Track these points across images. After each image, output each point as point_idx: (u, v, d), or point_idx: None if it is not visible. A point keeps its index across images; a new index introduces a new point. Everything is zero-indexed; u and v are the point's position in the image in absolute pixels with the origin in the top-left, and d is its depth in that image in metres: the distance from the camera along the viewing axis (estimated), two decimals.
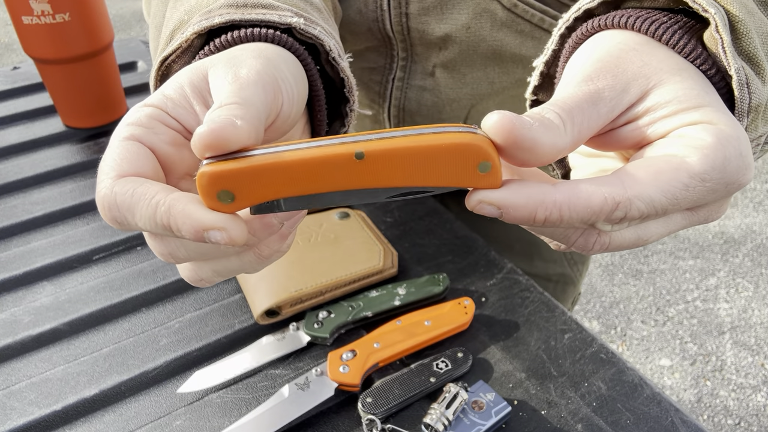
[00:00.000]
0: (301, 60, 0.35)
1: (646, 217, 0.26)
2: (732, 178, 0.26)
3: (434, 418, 0.42)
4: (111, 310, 0.54)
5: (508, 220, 0.26)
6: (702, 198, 0.26)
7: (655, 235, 0.29)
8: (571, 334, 0.51)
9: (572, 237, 0.29)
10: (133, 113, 0.30)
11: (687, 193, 0.26)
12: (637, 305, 1.91)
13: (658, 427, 0.44)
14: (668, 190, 0.26)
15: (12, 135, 0.79)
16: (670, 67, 0.29)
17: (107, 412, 0.46)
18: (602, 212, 0.25)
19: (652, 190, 0.25)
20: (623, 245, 0.29)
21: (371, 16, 0.57)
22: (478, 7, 0.54)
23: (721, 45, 0.29)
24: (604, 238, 0.28)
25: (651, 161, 0.26)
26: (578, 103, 0.27)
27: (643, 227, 0.28)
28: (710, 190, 0.26)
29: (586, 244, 0.29)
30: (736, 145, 0.26)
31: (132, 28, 3.69)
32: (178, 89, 0.31)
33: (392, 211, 0.65)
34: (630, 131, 0.29)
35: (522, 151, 0.25)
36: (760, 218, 2.22)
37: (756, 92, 0.29)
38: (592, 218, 0.26)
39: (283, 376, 0.48)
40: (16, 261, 0.59)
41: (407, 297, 0.52)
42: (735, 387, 1.66)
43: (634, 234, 0.28)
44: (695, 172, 0.26)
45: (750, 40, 0.30)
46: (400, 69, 0.61)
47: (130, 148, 0.28)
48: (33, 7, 0.68)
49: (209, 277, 0.30)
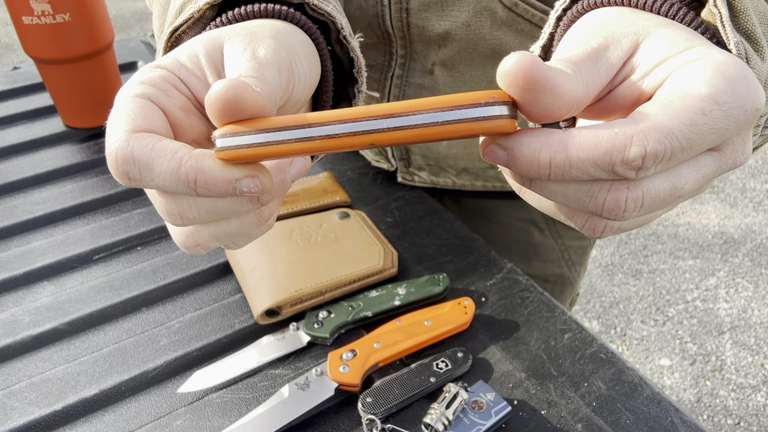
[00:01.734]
0: (314, 39, 0.35)
1: (672, 154, 0.24)
2: (745, 100, 0.25)
3: (434, 418, 0.42)
4: (111, 310, 0.54)
5: (516, 168, 0.24)
6: (724, 126, 0.24)
7: (689, 182, 0.26)
8: (571, 334, 0.51)
9: (599, 195, 0.25)
10: (145, 72, 0.29)
11: (705, 118, 0.24)
12: (637, 305, 1.91)
13: (658, 426, 0.44)
14: (685, 116, 0.24)
15: (12, 135, 0.79)
16: (655, 23, 0.28)
17: (107, 411, 0.46)
18: (615, 149, 0.23)
19: (666, 119, 0.23)
20: (658, 197, 0.25)
21: (371, 11, 0.57)
22: (479, 5, 0.54)
23: (720, 19, 0.28)
24: (635, 192, 0.25)
25: (657, 100, 0.25)
26: (581, 59, 0.26)
27: (674, 172, 0.25)
28: (728, 116, 0.24)
29: (617, 202, 0.25)
30: (736, 69, 0.25)
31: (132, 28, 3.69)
32: (193, 57, 0.30)
33: (392, 211, 0.65)
34: (627, 88, 0.27)
35: (545, 93, 0.23)
36: (759, 218, 2.22)
37: (755, 68, 0.29)
38: (605, 159, 0.23)
39: (283, 376, 0.48)
40: (16, 261, 0.59)
41: (407, 297, 0.53)
42: (735, 387, 1.66)
43: (667, 182, 0.25)
44: (705, 95, 0.24)
45: (748, 17, 0.29)
46: (398, 67, 0.61)
47: (143, 105, 0.27)
48: (33, 8, 0.68)
49: (206, 242, 0.30)
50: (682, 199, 0.27)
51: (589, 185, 0.25)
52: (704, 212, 2.26)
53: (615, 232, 0.28)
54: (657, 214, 0.29)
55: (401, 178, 0.68)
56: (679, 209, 2.28)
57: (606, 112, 0.29)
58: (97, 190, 0.69)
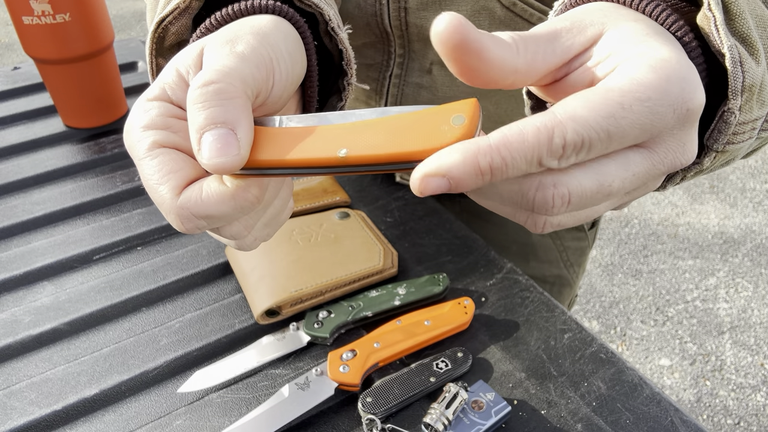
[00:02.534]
0: (301, 33, 0.35)
1: (590, 144, 0.25)
2: (675, 99, 0.25)
3: (434, 418, 0.42)
4: (111, 310, 0.54)
5: (458, 187, 0.25)
6: (648, 122, 0.25)
7: (617, 179, 0.27)
8: (570, 333, 0.51)
9: (529, 194, 0.26)
10: (142, 116, 0.30)
11: (625, 113, 0.25)
12: (637, 305, 1.91)
13: (658, 426, 0.44)
14: (602, 109, 0.24)
15: (12, 135, 0.79)
16: (628, 18, 0.29)
17: (107, 411, 0.46)
18: (539, 143, 0.24)
19: (584, 112, 0.24)
20: (585, 194, 0.26)
21: (370, 10, 0.57)
22: (477, 5, 0.54)
23: (714, 23, 0.28)
24: (561, 189, 0.26)
25: (583, 92, 0.26)
26: (534, 36, 0.27)
27: (598, 167, 0.26)
28: (653, 112, 0.25)
29: (545, 198, 0.26)
30: (676, 67, 0.25)
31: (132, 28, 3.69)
32: (173, 72, 0.31)
33: (392, 211, 0.65)
34: (581, 74, 0.28)
35: (470, 54, 0.24)
36: (759, 218, 2.22)
37: (750, 71, 0.29)
38: (533, 153, 0.24)
39: (283, 376, 0.48)
40: (16, 261, 0.59)
41: (407, 297, 0.53)
42: (734, 387, 1.66)
43: (592, 179, 0.26)
44: (626, 90, 0.25)
45: (743, 20, 0.29)
46: (397, 66, 0.61)
47: (164, 159, 0.29)
48: (33, 8, 0.68)
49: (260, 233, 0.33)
50: (616, 198, 0.28)
51: (519, 185, 0.26)
52: (704, 212, 2.26)
53: (557, 227, 0.29)
54: (597, 210, 0.29)
55: (399, 178, 0.68)
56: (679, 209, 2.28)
57: (564, 94, 0.28)
58: (97, 190, 0.69)
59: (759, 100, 0.30)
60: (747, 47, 0.30)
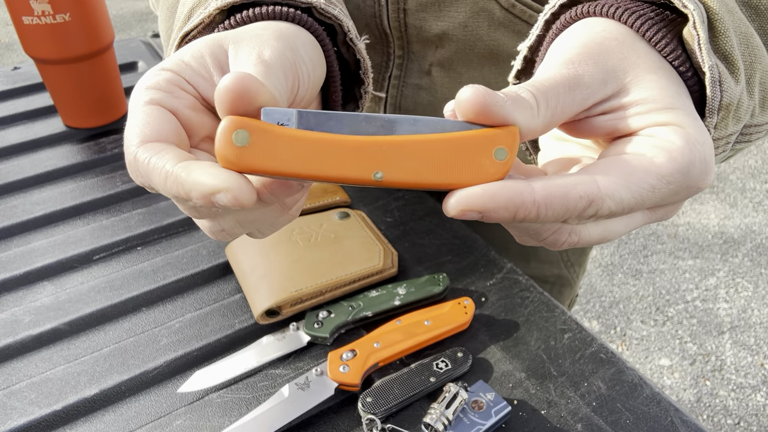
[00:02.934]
0: (320, 41, 0.36)
1: (613, 215, 0.27)
2: (694, 181, 0.28)
3: (434, 418, 0.42)
4: (111, 309, 0.54)
5: (487, 221, 0.26)
6: (664, 199, 0.28)
7: (617, 233, 0.30)
8: (570, 333, 0.51)
9: (544, 234, 0.29)
10: (151, 77, 0.30)
11: (653, 195, 0.27)
12: (637, 305, 1.91)
13: (658, 426, 0.44)
14: (637, 191, 0.26)
15: (12, 135, 0.79)
16: (647, 65, 0.29)
17: (108, 411, 0.46)
18: (576, 210, 0.26)
19: (623, 191, 0.26)
20: (590, 241, 0.30)
21: (369, 11, 0.57)
22: (476, 6, 0.54)
23: (697, 42, 0.29)
24: (573, 237, 0.29)
25: (622, 160, 0.27)
26: (555, 86, 0.27)
27: (608, 224, 0.29)
28: (673, 192, 0.27)
29: (557, 240, 0.29)
30: (701, 150, 0.27)
31: (132, 28, 3.69)
32: (199, 57, 0.31)
33: (392, 211, 0.65)
34: (603, 122, 0.29)
35: (493, 121, 0.26)
36: (759, 218, 2.22)
37: (728, 90, 0.30)
38: (566, 215, 0.26)
39: (283, 376, 0.48)
40: (16, 261, 0.59)
41: (407, 297, 0.53)
42: (734, 387, 1.66)
43: (600, 231, 0.30)
44: (662, 174, 0.27)
45: (727, 38, 0.30)
46: (396, 67, 0.61)
47: (151, 112, 0.29)
48: (33, 8, 0.68)
49: (231, 228, 0.31)
50: (610, 240, 0.32)
51: (540, 226, 0.29)
52: (704, 212, 2.26)
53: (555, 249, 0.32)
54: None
55: None
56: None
57: (578, 133, 0.31)
58: (97, 190, 0.69)
59: (735, 117, 0.31)
60: (728, 65, 0.30)
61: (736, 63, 0.30)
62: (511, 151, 0.26)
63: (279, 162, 0.25)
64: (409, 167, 0.26)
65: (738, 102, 0.31)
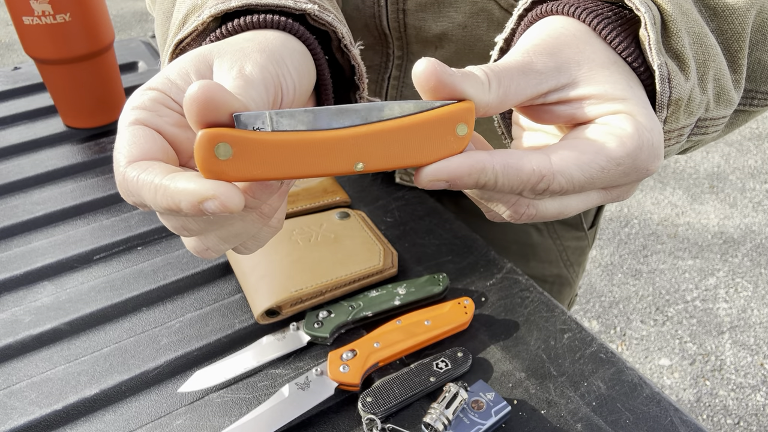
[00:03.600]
0: (311, 49, 0.36)
1: (565, 192, 0.30)
2: (642, 164, 0.31)
3: (434, 418, 0.42)
4: (111, 309, 0.54)
5: (455, 187, 0.29)
6: (615, 180, 0.31)
7: (574, 209, 0.33)
8: (570, 333, 0.51)
9: (504, 205, 0.32)
10: (136, 97, 0.30)
11: (602, 174, 0.30)
12: (637, 305, 1.91)
13: (658, 426, 0.44)
14: (587, 171, 0.30)
15: (13, 135, 0.79)
16: (601, 60, 0.32)
17: (108, 411, 0.46)
18: (529, 182, 0.29)
19: (573, 169, 0.29)
20: (547, 216, 0.33)
21: (368, 11, 0.57)
22: (475, 7, 0.54)
23: (648, 42, 0.32)
24: (531, 210, 0.32)
25: (576, 143, 0.30)
26: (508, 69, 0.30)
27: (564, 200, 0.32)
28: (623, 173, 0.30)
29: (516, 212, 0.32)
30: (649, 137, 0.30)
31: (132, 28, 3.69)
32: (184, 75, 0.31)
33: (392, 211, 0.65)
34: (562, 110, 0.32)
35: (445, 93, 0.28)
36: (759, 218, 2.22)
37: (677, 87, 0.32)
38: (520, 187, 0.29)
39: (284, 376, 0.48)
40: (17, 261, 0.59)
41: (407, 297, 0.53)
42: (734, 387, 1.66)
43: (556, 206, 0.32)
44: (612, 157, 0.30)
45: (679, 39, 0.33)
46: (395, 68, 0.62)
47: (136, 132, 0.29)
48: (34, 8, 0.68)
49: (215, 245, 0.31)
50: (567, 216, 0.34)
51: (501, 197, 0.32)
52: (704, 212, 2.26)
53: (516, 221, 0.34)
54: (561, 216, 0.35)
55: (399, 178, 0.68)
56: (678, 209, 2.28)
57: (542, 119, 0.34)
58: (98, 190, 0.69)
59: (687, 111, 0.34)
60: (679, 63, 0.33)
61: (686, 61, 0.33)
62: (470, 126, 0.29)
63: (264, 169, 0.26)
64: (386, 154, 0.28)
65: (689, 98, 0.33)
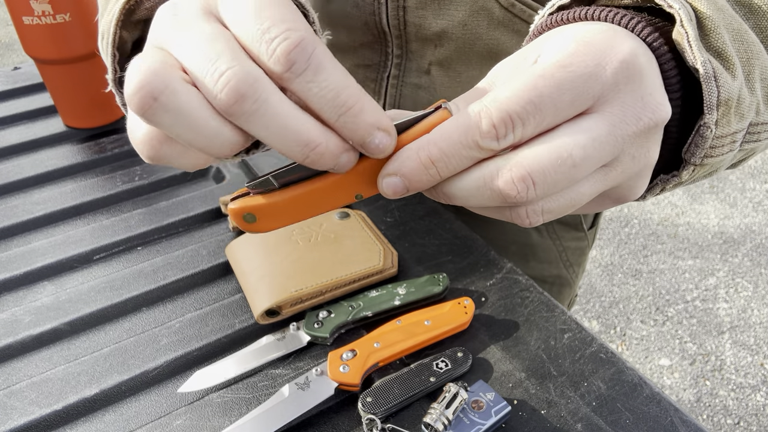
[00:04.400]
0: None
1: (521, 118, 0.25)
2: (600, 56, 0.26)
3: (434, 418, 0.42)
4: (111, 309, 0.54)
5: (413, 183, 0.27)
6: (578, 85, 0.26)
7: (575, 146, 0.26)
8: (570, 333, 0.51)
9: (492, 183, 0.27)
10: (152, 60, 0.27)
11: (546, 81, 0.25)
12: (637, 305, 1.91)
13: (658, 426, 0.44)
14: (522, 84, 0.26)
15: (13, 135, 0.79)
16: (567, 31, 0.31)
17: (108, 411, 0.46)
18: (469, 127, 0.26)
19: (505, 91, 0.26)
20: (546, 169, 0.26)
21: (368, 9, 0.57)
22: (476, 5, 0.54)
23: (687, 39, 0.29)
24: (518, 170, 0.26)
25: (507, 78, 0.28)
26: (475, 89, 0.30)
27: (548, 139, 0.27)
28: (578, 74, 0.26)
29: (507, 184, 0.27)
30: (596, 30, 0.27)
31: None
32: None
33: (392, 211, 0.65)
34: None
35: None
36: (759, 218, 2.22)
37: (725, 86, 0.29)
38: (466, 138, 0.26)
39: (283, 376, 0.48)
40: (16, 261, 0.59)
41: (407, 297, 0.53)
42: (734, 387, 1.67)
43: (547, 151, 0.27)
44: (546, 62, 0.26)
45: (718, 35, 0.30)
46: (395, 67, 0.61)
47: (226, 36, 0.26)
48: (33, 8, 0.68)
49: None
50: (588, 172, 0.27)
51: (481, 176, 0.27)
52: (704, 212, 2.26)
53: (544, 215, 0.29)
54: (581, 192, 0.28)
55: None
56: (678, 209, 2.28)
57: None
58: (98, 190, 0.69)
59: (737, 113, 0.30)
60: (723, 62, 0.30)
61: (730, 59, 0.30)
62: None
63: (283, 220, 0.31)
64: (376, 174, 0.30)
65: (738, 98, 0.30)
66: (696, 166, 0.31)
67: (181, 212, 0.65)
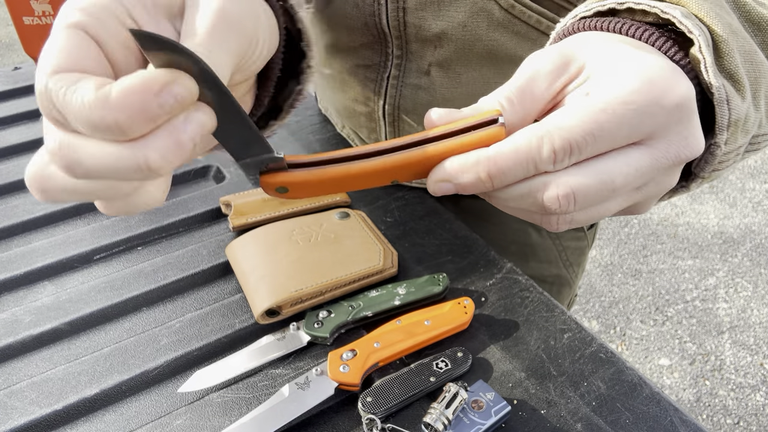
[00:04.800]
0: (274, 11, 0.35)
1: (578, 147, 0.27)
2: (660, 97, 0.27)
3: (434, 418, 0.42)
4: (112, 309, 0.54)
5: (465, 191, 0.29)
6: (637, 121, 0.27)
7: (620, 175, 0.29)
8: (570, 333, 0.51)
9: (537, 195, 0.29)
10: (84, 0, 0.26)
11: (607, 116, 0.27)
12: (637, 305, 1.91)
13: (658, 426, 0.44)
14: (585, 115, 0.27)
15: (13, 135, 0.79)
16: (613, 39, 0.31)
17: (108, 411, 0.46)
18: (531, 151, 0.27)
19: (568, 119, 0.27)
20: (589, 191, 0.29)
21: (368, 10, 0.57)
22: (476, 6, 0.54)
23: (704, 65, 0.30)
24: (564, 189, 0.28)
25: (568, 105, 0.29)
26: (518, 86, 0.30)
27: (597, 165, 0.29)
28: (638, 112, 0.27)
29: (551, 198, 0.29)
30: (656, 67, 0.28)
31: None
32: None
33: (392, 211, 0.65)
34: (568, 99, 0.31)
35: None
36: (759, 218, 2.22)
37: (735, 108, 0.31)
38: (527, 161, 0.28)
39: (284, 376, 0.48)
40: (17, 261, 0.59)
41: (407, 297, 0.53)
42: (734, 386, 1.67)
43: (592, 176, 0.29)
44: (609, 96, 0.27)
45: (732, 59, 0.31)
46: (394, 67, 0.61)
47: (74, 38, 0.25)
48: (34, 8, 0.68)
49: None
50: (624, 194, 0.30)
51: (528, 188, 0.29)
52: (703, 212, 2.26)
53: (571, 224, 0.31)
54: (608, 208, 0.31)
55: None
56: (678, 209, 2.28)
57: None
58: None
59: (743, 130, 0.33)
60: (734, 84, 0.32)
61: (741, 81, 0.31)
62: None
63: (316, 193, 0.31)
64: (418, 173, 0.31)
65: (745, 117, 0.32)
66: (704, 179, 0.34)
67: (182, 212, 0.65)
